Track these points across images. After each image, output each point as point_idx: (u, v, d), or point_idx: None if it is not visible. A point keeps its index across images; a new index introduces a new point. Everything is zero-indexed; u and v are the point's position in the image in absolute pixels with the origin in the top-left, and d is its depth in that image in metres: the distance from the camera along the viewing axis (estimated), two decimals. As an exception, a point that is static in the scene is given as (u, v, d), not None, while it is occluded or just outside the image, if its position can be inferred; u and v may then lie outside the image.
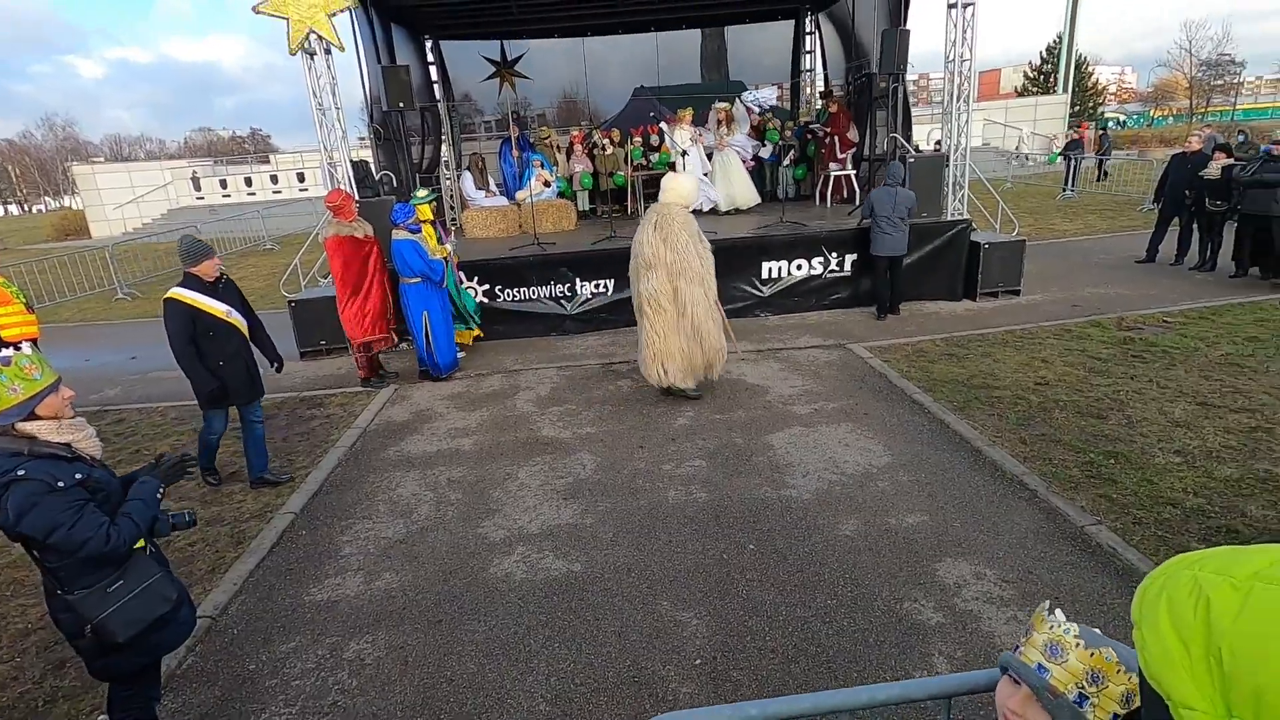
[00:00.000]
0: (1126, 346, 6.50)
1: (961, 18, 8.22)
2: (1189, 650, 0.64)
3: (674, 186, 5.86)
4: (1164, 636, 0.66)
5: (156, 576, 2.43)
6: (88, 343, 10.38)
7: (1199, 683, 0.63)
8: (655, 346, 5.83)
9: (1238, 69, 47.70)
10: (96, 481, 2.34)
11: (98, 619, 2.29)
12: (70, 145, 60.71)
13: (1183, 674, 0.64)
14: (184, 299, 4.55)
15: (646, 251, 5.65)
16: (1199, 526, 3.71)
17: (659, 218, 5.68)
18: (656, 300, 5.71)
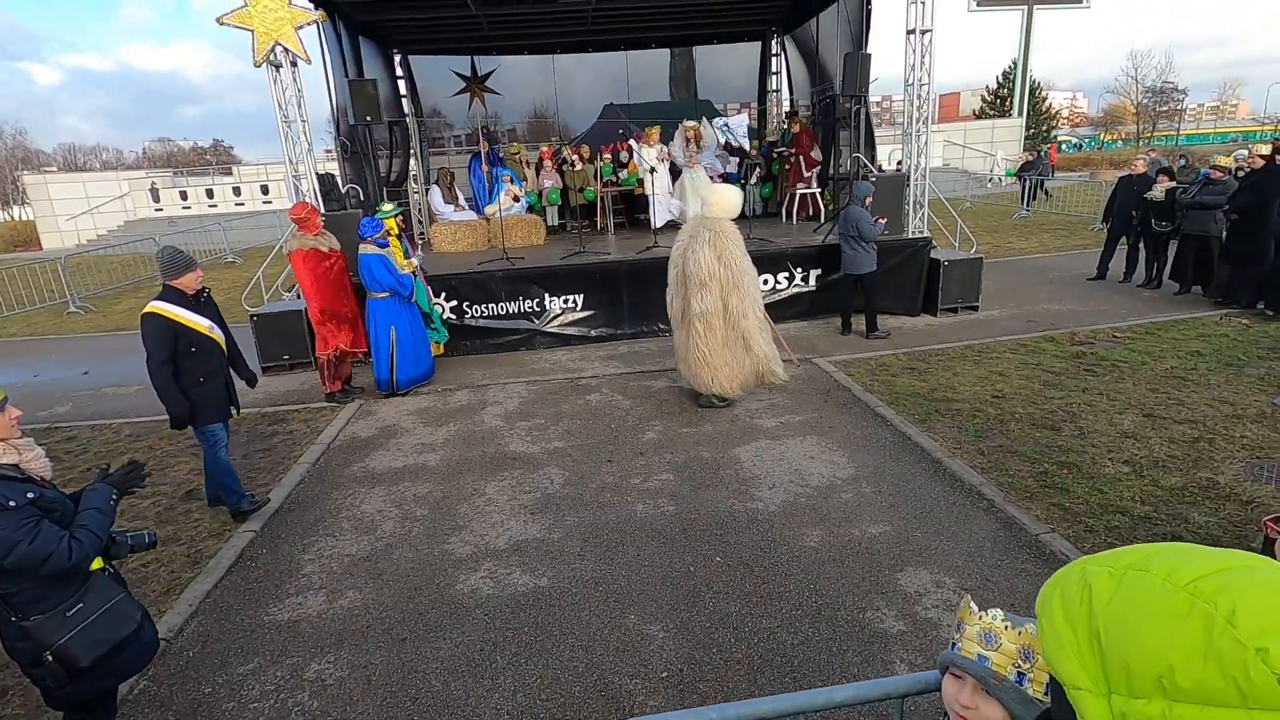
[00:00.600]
0: (1079, 360, 6.74)
1: (920, 43, 8.51)
2: (1076, 634, 0.70)
3: (720, 201, 5.77)
4: (1056, 623, 0.72)
5: (119, 597, 2.36)
6: (37, 357, 10.03)
7: (1084, 663, 0.69)
8: (707, 360, 5.81)
9: (1180, 96, 50.04)
10: (49, 501, 2.28)
11: (57, 644, 2.22)
12: (21, 154, 58.79)
13: (1071, 656, 0.70)
14: (166, 314, 4.26)
15: (702, 270, 5.59)
16: (1146, 534, 3.85)
17: (712, 234, 5.60)
18: (707, 318, 5.69)
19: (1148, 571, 0.68)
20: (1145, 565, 0.69)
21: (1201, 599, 0.63)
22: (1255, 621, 0.61)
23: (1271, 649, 0.60)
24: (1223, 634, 0.61)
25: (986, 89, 46.41)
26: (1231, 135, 43.73)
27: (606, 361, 7.81)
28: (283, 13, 7.34)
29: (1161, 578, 0.67)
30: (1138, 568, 0.69)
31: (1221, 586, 0.64)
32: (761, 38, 13.74)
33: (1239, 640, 0.60)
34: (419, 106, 13.15)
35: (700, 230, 5.69)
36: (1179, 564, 0.67)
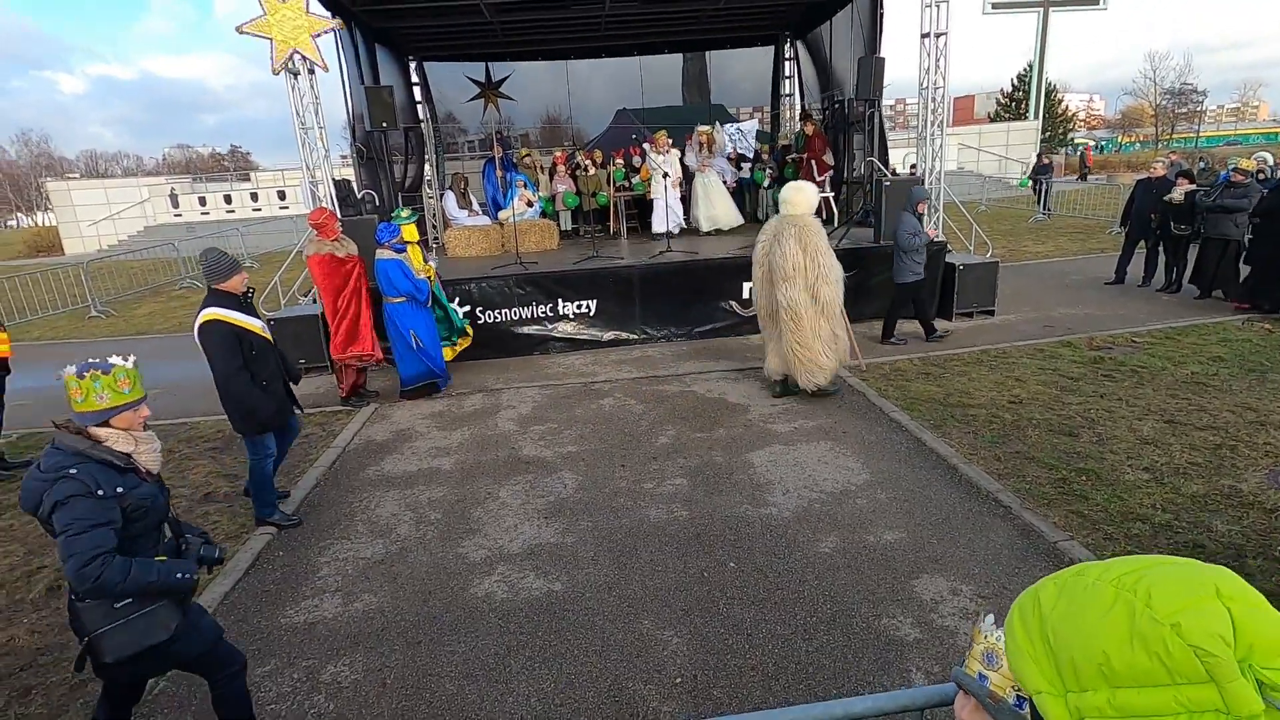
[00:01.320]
0: (1097, 366, 6.66)
1: (934, 47, 8.47)
2: (1032, 642, 0.77)
3: (800, 198, 5.99)
4: (1016, 635, 0.79)
5: (160, 604, 2.37)
6: (60, 361, 10.17)
7: (1042, 668, 0.75)
8: (801, 351, 6.00)
9: (1200, 97, 49.42)
10: (138, 499, 2.34)
11: (94, 633, 2.28)
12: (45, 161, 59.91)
13: (1030, 663, 0.76)
14: (225, 319, 4.18)
15: (788, 264, 5.82)
16: (1167, 542, 3.79)
17: (798, 230, 5.86)
18: (795, 309, 5.89)
19: (1083, 575, 0.77)
20: (1082, 571, 0.77)
21: (1125, 589, 0.72)
22: (1169, 602, 0.69)
23: (1183, 623, 0.67)
24: (1142, 615, 0.69)
25: (1001, 92, 46.07)
26: (1253, 137, 43.10)
27: (619, 366, 7.82)
28: (300, 21, 7.43)
29: (1093, 578, 0.75)
30: (1076, 574, 0.77)
31: (1141, 577, 0.72)
32: (774, 42, 13.74)
33: (1155, 619, 0.68)
34: (434, 112, 13.26)
35: (786, 227, 5.90)
36: (1109, 566, 0.76)
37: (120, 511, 2.27)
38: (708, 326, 8.60)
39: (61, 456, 2.28)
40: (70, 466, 2.24)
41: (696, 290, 8.49)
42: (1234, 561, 3.57)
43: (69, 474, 2.22)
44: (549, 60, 13.55)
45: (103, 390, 2.34)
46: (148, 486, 2.41)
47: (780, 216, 6.06)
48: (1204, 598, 0.69)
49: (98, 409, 2.34)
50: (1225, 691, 0.67)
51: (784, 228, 5.94)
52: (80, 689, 3.23)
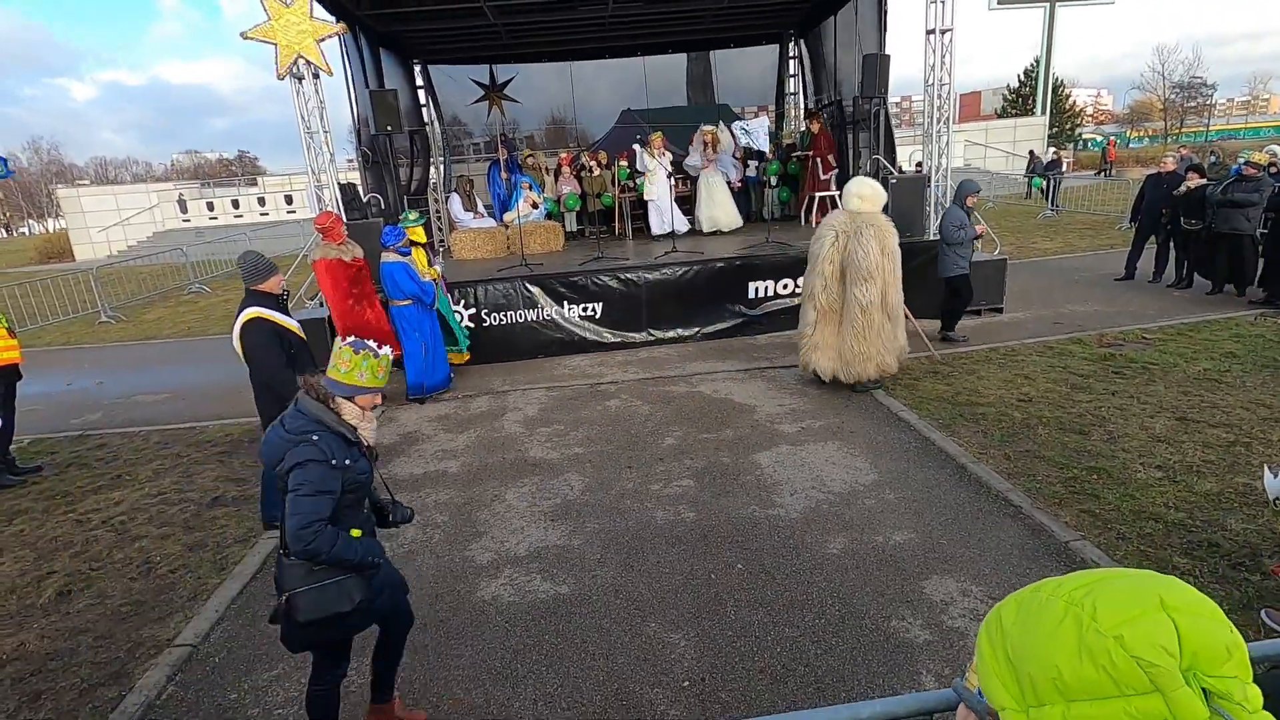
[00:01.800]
0: (1107, 363, 6.60)
1: (940, 43, 8.42)
2: (996, 659, 0.79)
3: (873, 195, 6.03)
4: (984, 653, 0.81)
5: (345, 577, 2.50)
6: (71, 366, 10.26)
7: (1006, 684, 0.77)
8: (865, 348, 6.09)
9: (1209, 91, 48.98)
10: (357, 473, 2.53)
11: (292, 591, 2.45)
12: (55, 168, 60.46)
13: (996, 680, 0.79)
14: (269, 318, 4.28)
15: (870, 262, 5.88)
16: (1181, 540, 3.75)
17: (875, 229, 5.91)
18: (869, 309, 5.99)
19: (1039, 591, 0.79)
20: (1038, 588, 0.80)
21: (1074, 604, 0.74)
22: (1113, 615, 0.71)
23: (1126, 635, 0.70)
24: (1089, 629, 0.71)
25: (1008, 88, 45.79)
26: (1264, 130, 42.67)
27: (625, 367, 7.81)
28: (305, 26, 7.46)
29: (1047, 594, 0.78)
30: (1033, 590, 0.80)
31: (1088, 592, 0.75)
32: (778, 40, 13.70)
33: (1100, 632, 0.71)
34: (439, 115, 13.29)
35: (863, 226, 5.92)
36: (1063, 581, 0.78)
37: (340, 483, 2.46)
38: (714, 327, 8.57)
39: (305, 421, 2.49)
40: (313, 432, 2.46)
41: (702, 291, 8.46)
42: (1249, 560, 3.52)
43: (312, 439, 2.44)
44: (553, 62, 13.55)
45: (365, 370, 2.54)
46: (364, 462, 2.59)
47: (853, 213, 6.05)
48: (1148, 609, 0.71)
49: (353, 383, 2.53)
50: (1170, 700, 0.69)
51: (862, 226, 5.92)
52: (89, 694, 3.25)
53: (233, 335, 4.38)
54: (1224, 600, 3.23)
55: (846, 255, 5.98)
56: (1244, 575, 3.41)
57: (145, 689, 3.20)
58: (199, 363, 9.85)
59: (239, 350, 4.39)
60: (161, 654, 3.46)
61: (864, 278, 5.90)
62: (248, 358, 4.32)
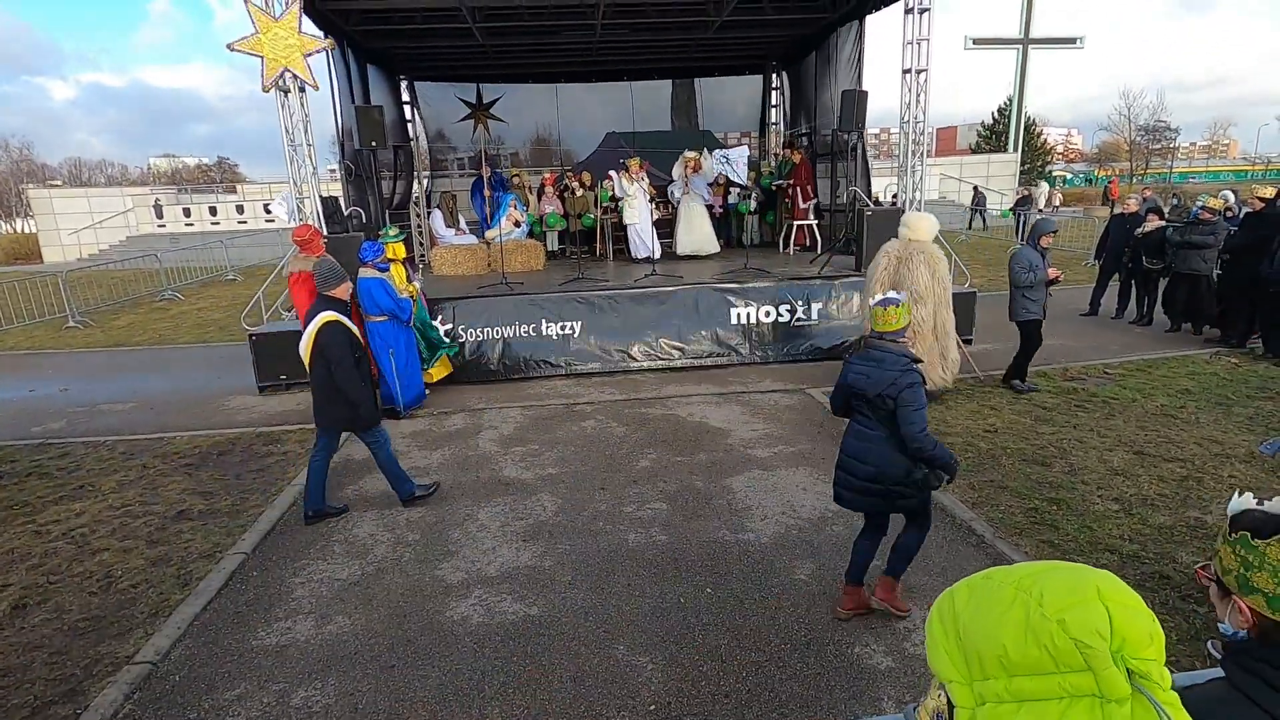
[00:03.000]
0: (1070, 396, 6.80)
1: (915, 82, 8.71)
2: (946, 636, 0.88)
3: (924, 226, 6.51)
4: (934, 631, 0.90)
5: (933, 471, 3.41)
6: (34, 372, 10.03)
7: (953, 659, 0.87)
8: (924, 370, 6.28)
9: (1172, 134, 50.86)
10: None
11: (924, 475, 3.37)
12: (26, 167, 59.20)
13: (944, 656, 0.88)
14: (343, 322, 4.66)
15: (920, 286, 6.38)
16: (1134, 572, 3.87)
17: (926, 256, 6.41)
18: (921, 328, 6.43)
19: (990, 579, 0.88)
20: (989, 575, 0.89)
21: (1022, 590, 0.83)
22: (1057, 601, 0.81)
23: (1068, 619, 0.79)
24: (1035, 612, 0.81)
25: (982, 124, 47.14)
26: (1223, 174, 44.40)
27: (602, 388, 7.85)
28: (293, 40, 7.50)
29: (998, 581, 0.87)
30: (985, 577, 0.90)
31: (1036, 579, 0.84)
32: (762, 71, 14.02)
33: (1045, 616, 0.80)
34: (424, 131, 13.34)
35: (915, 253, 6.44)
36: (1012, 570, 0.88)
37: None
38: (691, 349, 8.66)
39: (896, 357, 3.34)
40: (912, 363, 3.34)
41: (680, 314, 8.55)
42: (1198, 592, 3.64)
43: (913, 368, 3.32)
44: (540, 83, 13.72)
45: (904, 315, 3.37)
46: None
47: (904, 241, 6.55)
48: (1087, 598, 0.81)
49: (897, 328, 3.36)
50: (1100, 678, 0.79)
51: (912, 252, 6.41)
52: (43, 711, 3.17)
53: (304, 338, 4.68)
54: (1172, 631, 3.35)
55: (898, 278, 6.44)
56: (1193, 607, 3.53)
57: (101, 708, 3.14)
58: (169, 372, 9.69)
59: (308, 351, 4.66)
60: (119, 671, 3.39)
61: (916, 299, 6.37)
62: (326, 358, 4.58)
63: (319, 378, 4.68)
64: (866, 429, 3.45)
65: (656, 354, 8.57)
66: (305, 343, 4.66)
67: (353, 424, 4.85)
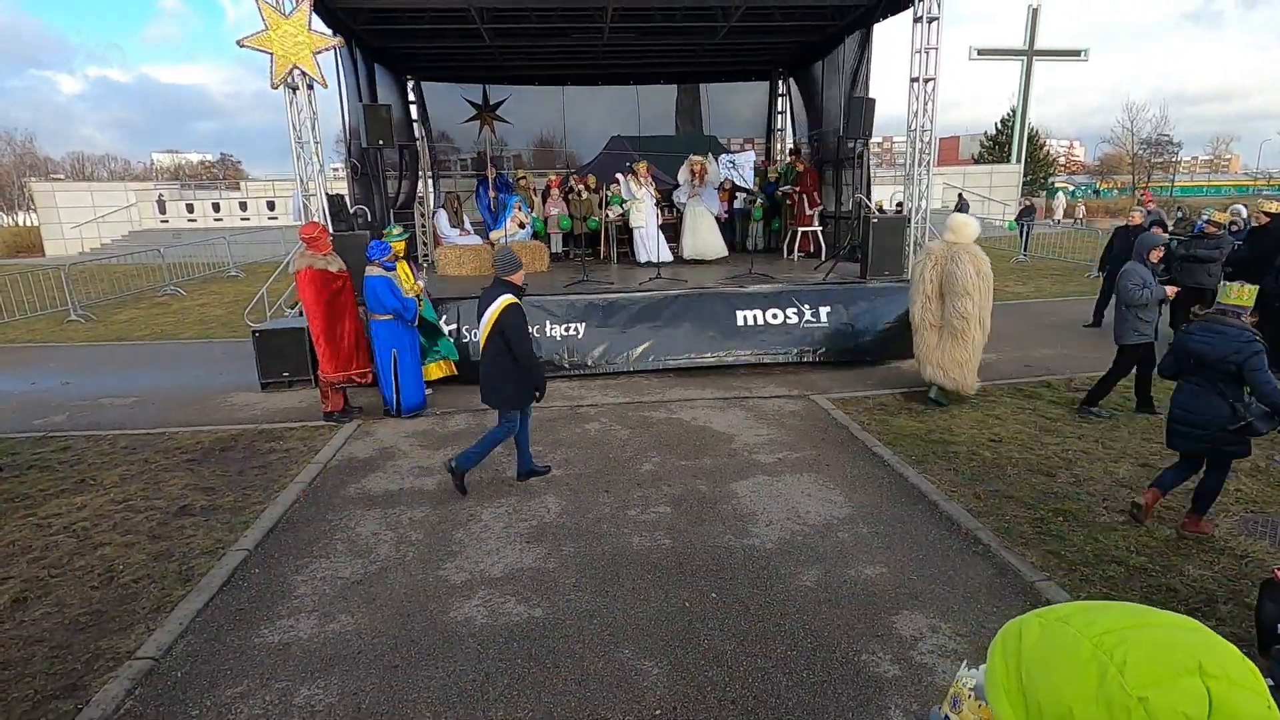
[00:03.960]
0: (1075, 407, 6.78)
1: (923, 91, 8.72)
2: (1008, 674, 0.78)
3: (968, 229, 6.88)
4: (995, 663, 0.81)
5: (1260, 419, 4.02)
6: (36, 365, 10.01)
7: (1012, 700, 0.77)
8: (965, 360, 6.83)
9: (1175, 148, 50.99)
10: None
11: None
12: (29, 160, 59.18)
13: (1001, 693, 0.78)
14: (521, 306, 5.01)
15: (968, 282, 6.68)
16: (1141, 585, 3.86)
17: (970, 255, 6.74)
18: (967, 322, 6.74)
19: (1068, 623, 0.76)
20: (1069, 618, 0.76)
21: (1102, 649, 0.71)
22: (1142, 674, 0.68)
23: (1151, 698, 0.66)
24: (1113, 681, 0.68)
25: (985, 135, 47.26)
26: (1224, 189, 44.53)
27: (605, 390, 7.84)
28: (302, 38, 7.50)
29: (1076, 629, 0.74)
30: (1062, 619, 0.77)
31: (1121, 640, 0.71)
32: (768, 77, 14.05)
33: (1125, 689, 0.67)
34: (429, 130, 13.36)
35: (960, 252, 6.75)
36: (1096, 619, 0.75)
37: None
38: (695, 354, 8.64)
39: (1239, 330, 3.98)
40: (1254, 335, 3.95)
41: (684, 318, 8.54)
42: (1205, 606, 3.64)
43: (1255, 339, 3.93)
44: (546, 85, 13.74)
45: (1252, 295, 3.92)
46: None
47: (949, 242, 6.87)
48: (1182, 674, 0.68)
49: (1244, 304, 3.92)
50: None
51: (958, 252, 6.74)
52: (43, 706, 3.15)
53: (484, 321, 4.96)
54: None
55: (945, 276, 6.79)
56: (1200, 620, 3.51)
57: (102, 703, 3.12)
58: (171, 367, 9.67)
59: (487, 331, 4.95)
60: (121, 666, 3.37)
61: (963, 293, 6.68)
62: (507, 337, 4.87)
63: (492, 357, 5.01)
64: (1199, 388, 4.14)
65: (661, 358, 8.56)
66: (485, 324, 4.96)
67: (518, 401, 5.14)
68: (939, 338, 6.93)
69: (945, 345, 6.89)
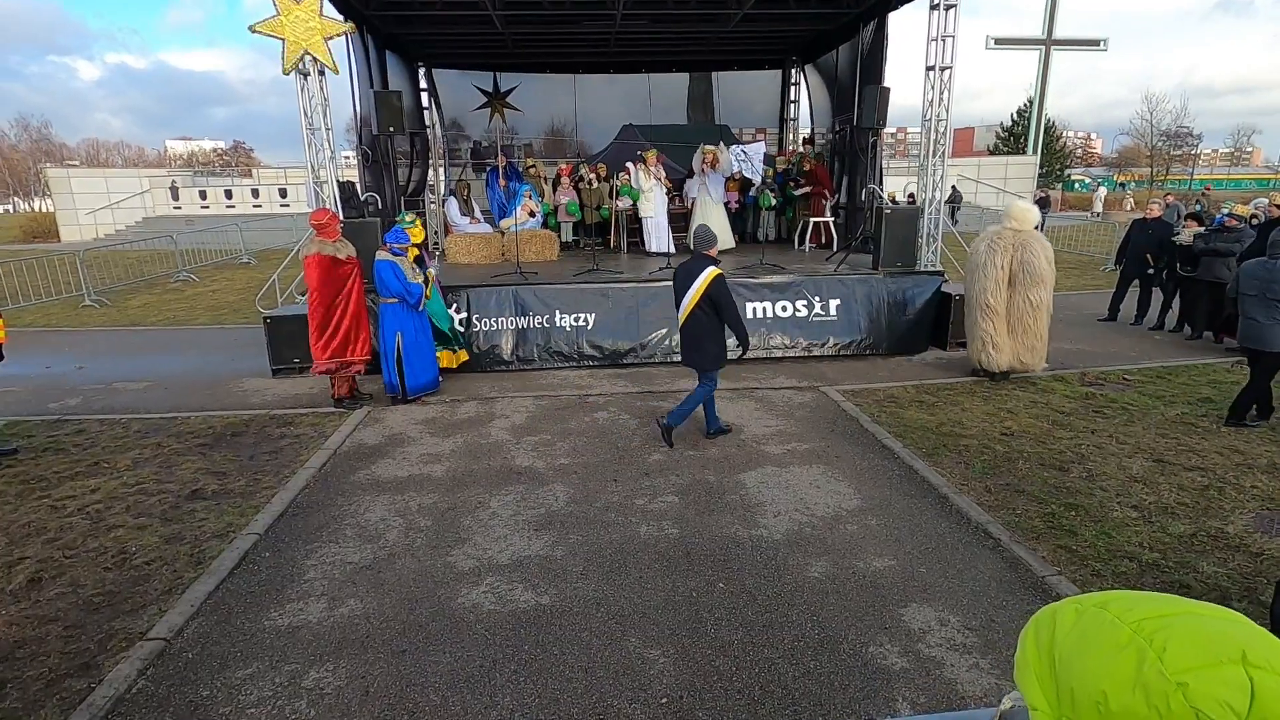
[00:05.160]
0: (1088, 401, 6.72)
1: (939, 80, 8.60)
2: (1040, 659, 0.76)
3: (1030, 216, 7.24)
4: (1027, 648, 0.79)
5: None
6: (51, 349, 10.11)
7: (1044, 685, 0.75)
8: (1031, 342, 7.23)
9: (1195, 141, 50.22)
10: None
11: None
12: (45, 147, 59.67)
13: (1033, 679, 0.76)
14: (725, 275, 5.59)
15: (1042, 269, 7.08)
16: (1154, 581, 3.82)
17: (1039, 244, 7.13)
18: (1039, 309, 7.14)
19: (1105, 609, 0.74)
20: (1106, 604, 0.74)
21: (1141, 635, 0.69)
22: (1182, 659, 0.66)
23: (1191, 684, 0.64)
24: (1151, 667, 0.66)
25: (1001, 125, 46.67)
26: (1245, 182, 43.81)
27: (614, 380, 7.83)
28: (314, 23, 7.48)
29: (1114, 614, 0.72)
30: (1099, 605, 0.75)
31: (1161, 626, 0.69)
32: (781, 66, 13.91)
33: (1164, 674, 0.65)
34: (440, 118, 13.33)
35: (1030, 241, 7.11)
36: (1135, 605, 0.73)
37: None
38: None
39: None
40: None
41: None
42: (1219, 603, 3.57)
43: None
44: (557, 73, 13.66)
45: None
46: None
47: (1014, 230, 7.15)
48: (1225, 662, 0.65)
49: None
50: None
51: (1029, 240, 7.10)
52: (57, 685, 3.19)
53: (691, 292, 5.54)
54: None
55: (1017, 264, 7.07)
56: (1214, 617, 3.48)
57: (115, 682, 3.15)
58: (183, 352, 9.75)
59: (694, 300, 5.52)
60: (133, 647, 3.41)
61: (1038, 281, 7.03)
62: (716, 304, 5.50)
63: (699, 323, 5.59)
64: None
65: (670, 348, 8.54)
66: (692, 295, 5.52)
67: (721, 360, 5.75)
68: (1009, 325, 7.22)
69: (1018, 333, 7.22)
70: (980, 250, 7.29)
